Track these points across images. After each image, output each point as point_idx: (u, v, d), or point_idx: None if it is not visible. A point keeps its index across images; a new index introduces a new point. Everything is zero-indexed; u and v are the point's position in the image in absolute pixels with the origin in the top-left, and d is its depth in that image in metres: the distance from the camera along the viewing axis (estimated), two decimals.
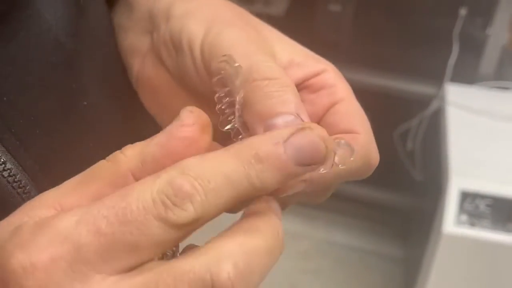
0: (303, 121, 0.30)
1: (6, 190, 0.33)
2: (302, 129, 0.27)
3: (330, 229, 2.04)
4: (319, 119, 0.36)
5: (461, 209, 1.33)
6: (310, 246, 2.00)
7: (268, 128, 0.30)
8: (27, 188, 0.34)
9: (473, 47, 1.69)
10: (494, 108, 1.53)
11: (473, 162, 1.40)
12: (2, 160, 0.33)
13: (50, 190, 0.28)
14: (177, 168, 0.26)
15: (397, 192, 1.98)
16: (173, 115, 0.32)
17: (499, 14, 1.57)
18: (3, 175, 0.33)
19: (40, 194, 0.28)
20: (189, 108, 0.28)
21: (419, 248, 1.54)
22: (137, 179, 0.27)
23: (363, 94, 0.41)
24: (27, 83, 0.35)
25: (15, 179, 0.33)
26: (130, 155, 0.28)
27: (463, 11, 1.68)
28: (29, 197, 0.34)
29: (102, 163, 0.28)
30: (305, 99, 0.37)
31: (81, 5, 0.39)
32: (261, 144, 0.26)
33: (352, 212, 2.07)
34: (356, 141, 0.34)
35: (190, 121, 0.28)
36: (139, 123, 0.45)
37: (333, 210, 2.06)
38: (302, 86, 0.37)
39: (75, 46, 0.38)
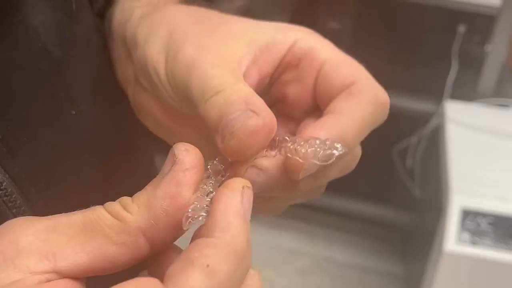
0: (253, 110, 0.30)
1: None
2: (245, 189, 0.27)
3: (329, 246, 2.02)
4: (313, 92, 0.35)
5: (462, 227, 1.32)
6: (309, 263, 1.98)
7: (224, 127, 0.30)
8: (13, 196, 0.33)
9: (472, 64, 1.68)
10: (494, 125, 1.52)
11: (474, 179, 1.38)
12: None
13: (36, 222, 0.26)
14: None
15: (397, 209, 1.96)
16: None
17: (498, 31, 1.56)
18: None
19: (24, 227, 0.25)
20: (182, 146, 0.27)
21: (420, 266, 1.52)
22: (147, 237, 0.26)
23: None
24: (14, 90, 0.34)
25: (1, 187, 0.32)
26: (136, 213, 0.26)
27: (461, 28, 1.68)
28: (15, 206, 0.33)
29: (104, 217, 0.26)
30: (290, 79, 0.36)
31: (72, 14, 0.39)
32: (243, 234, 0.26)
33: (351, 229, 2.05)
34: (358, 89, 0.33)
35: (192, 162, 0.27)
36: (129, 133, 0.45)
37: (332, 227, 2.05)
38: (283, 67, 0.36)
39: (63, 55, 0.38)
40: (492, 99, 1.63)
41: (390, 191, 1.92)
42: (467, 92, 1.66)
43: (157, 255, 0.27)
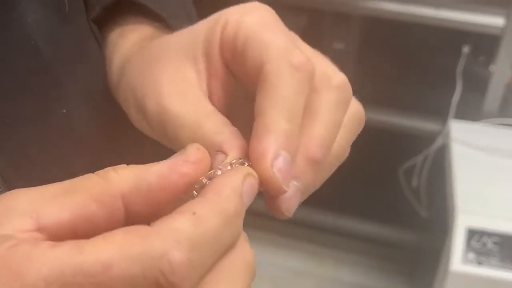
0: (225, 153, 0.31)
1: None
2: (247, 176, 0.28)
3: (336, 267, 2.01)
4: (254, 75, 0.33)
5: (468, 247, 1.31)
6: (315, 284, 1.97)
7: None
8: (0, 190, 0.33)
9: (477, 84, 1.68)
10: (499, 145, 1.52)
11: (479, 199, 1.38)
12: None
13: (28, 190, 0.26)
14: (172, 235, 0.24)
15: (403, 229, 1.95)
16: None
17: (502, 52, 1.57)
18: None
19: (16, 193, 0.26)
20: (196, 145, 0.28)
21: (426, 286, 1.51)
22: (125, 204, 0.26)
23: (367, 132, 0.39)
24: (4, 86, 0.34)
25: None
26: (123, 175, 0.26)
27: (466, 49, 1.68)
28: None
29: (90, 176, 0.27)
30: (240, 71, 0.34)
31: (65, 15, 0.39)
32: (234, 200, 0.26)
33: (358, 249, 2.04)
34: (266, 74, 0.31)
35: (195, 159, 0.27)
36: (120, 135, 0.45)
37: (338, 247, 2.04)
38: (229, 63, 0.34)
39: (55, 54, 0.38)
40: (497, 119, 1.63)
41: (396, 211, 1.91)
42: (472, 112, 1.66)
43: None
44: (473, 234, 1.31)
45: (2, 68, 0.34)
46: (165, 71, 0.35)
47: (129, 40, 0.43)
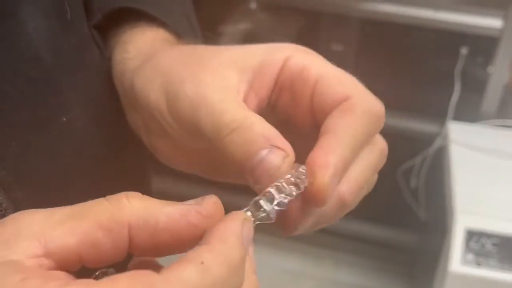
0: (277, 146, 0.32)
1: None
2: (245, 221, 0.28)
3: (335, 268, 2.01)
4: (308, 111, 0.36)
5: (467, 248, 1.31)
6: (314, 286, 1.96)
7: (255, 169, 0.31)
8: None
9: (475, 85, 1.69)
10: (497, 146, 1.52)
11: (478, 200, 1.38)
12: None
13: (36, 212, 0.26)
14: (180, 284, 0.24)
15: (402, 230, 1.95)
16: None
17: (500, 53, 1.57)
18: None
19: (25, 215, 0.26)
20: (214, 198, 0.28)
21: (425, 287, 1.51)
22: (130, 234, 0.26)
23: None
24: (4, 94, 0.34)
25: None
26: (135, 205, 0.27)
27: (464, 50, 1.68)
28: (0, 209, 0.33)
29: (101, 202, 0.27)
30: (288, 100, 0.36)
31: (67, 23, 0.39)
32: (239, 249, 0.26)
33: (356, 250, 2.04)
34: (351, 104, 0.33)
35: (209, 213, 0.28)
36: (122, 143, 0.45)
37: (337, 249, 2.04)
38: (278, 88, 0.36)
39: (56, 63, 0.38)
40: (496, 120, 1.63)
41: (394, 212, 1.91)
42: (470, 113, 1.66)
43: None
44: (472, 235, 1.31)
45: (2, 76, 0.34)
46: (211, 69, 0.36)
47: (146, 37, 0.43)
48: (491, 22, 1.58)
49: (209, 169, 0.40)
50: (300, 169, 0.31)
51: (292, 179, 0.31)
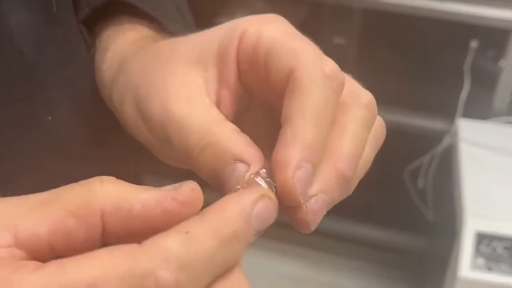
0: (242, 160, 0.31)
1: None
2: (262, 197, 0.27)
3: (337, 274, 2.01)
4: (272, 89, 0.34)
5: (477, 252, 1.31)
6: None
7: (223, 188, 0.31)
8: None
9: (486, 81, 1.69)
10: (509, 144, 1.52)
11: (489, 201, 1.38)
12: None
13: (7, 201, 0.26)
14: (161, 253, 0.24)
15: (408, 233, 1.96)
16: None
17: None
18: None
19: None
20: (192, 185, 0.27)
21: None
22: (103, 222, 0.26)
23: None
24: None
25: None
26: (109, 191, 0.26)
27: (474, 44, 1.68)
28: None
29: (73, 187, 0.26)
30: (254, 81, 0.35)
31: (52, 16, 0.39)
32: (237, 222, 0.26)
33: (359, 255, 2.04)
34: (296, 80, 0.31)
35: (186, 199, 0.27)
36: (108, 143, 0.45)
37: (339, 253, 2.04)
38: (242, 70, 0.35)
39: (40, 58, 0.38)
40: (507, 117, 1.63)
41: (400, 214, 1.92)
42: (480, 110, 1.66)
43: None
44: (482, 239, 1.31)
45: None
46: (173, 74, 0.35)
47: (127, 38, 0.43)
48: (503, 14, 1.58)
49: None
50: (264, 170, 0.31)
51: (265, 181, 0.31)
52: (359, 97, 0.34)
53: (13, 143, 0.36)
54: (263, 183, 0.31)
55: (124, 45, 0.42)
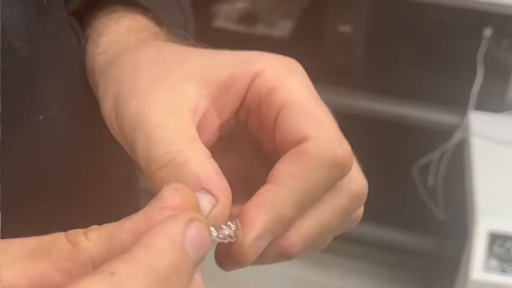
0: (209, 191, 0.30)
1: None
2: (191, 221, 0.25)
3: (343, 276, 2.02)
4: (273, 140, 0.34)
5: (490, 252, 1.31)
6: None
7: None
8: None
9: (500, 71, 1.69)
10: None
11: (502, 199, 1.38)
12: None
13: None
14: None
15: (418, 233, 1.96)
16: None
17: None
18: None
19: None
20: (174, 185, 0.27)
21: None
22: (97, 266, 0.25)
23: (377, 124, 0.40)
24: None
25: None
26: (94, 240, 0.26)
27: (487, 32, 1.68)
28: None
29: (59, 240, 0.26)
30: (254, 123, 0.35)
31: (44, 9, 0.39)
32: (170, 253, 0.24)
33: (366, 256, 2.04)
34: (306, 149, 0.32)
35: (176, 202, 0.26)
36: (101, 143, 0.45)
37: (344, 254, 2.04)
38: (244, 109, 0.35)
39: (31, 53, 0.38)
40: None
41: (409, 213, 1.92)
42: (494, 102, 1.66)
43: None
44: (495, 239, 1.32)
45: None
46: (165, 80, 0.35)
47: (122, 24, 0.43)
48: None
49: None
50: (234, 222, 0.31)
51: (231, 226, 0.30)
52: (350, 184, 0.34)
53: (3, 144, 0.36)
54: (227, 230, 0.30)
55: (119, 30, 0.42)
